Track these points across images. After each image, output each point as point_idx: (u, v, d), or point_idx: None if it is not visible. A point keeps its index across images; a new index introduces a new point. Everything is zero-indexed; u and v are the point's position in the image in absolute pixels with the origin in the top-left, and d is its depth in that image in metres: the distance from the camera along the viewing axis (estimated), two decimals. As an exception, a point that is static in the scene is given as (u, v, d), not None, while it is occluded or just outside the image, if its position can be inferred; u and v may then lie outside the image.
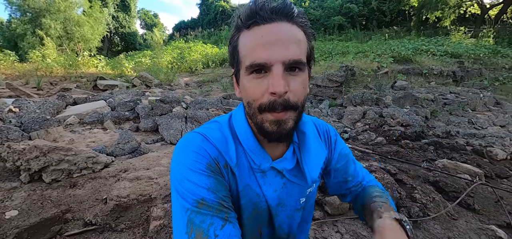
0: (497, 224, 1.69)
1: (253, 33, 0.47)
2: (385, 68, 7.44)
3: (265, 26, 0.47)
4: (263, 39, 0.46)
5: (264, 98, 0.47)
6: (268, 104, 0.47)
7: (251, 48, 0.47)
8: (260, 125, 0.50)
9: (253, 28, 0.48)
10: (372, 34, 15.15)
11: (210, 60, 11.10)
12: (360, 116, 4.27)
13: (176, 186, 0.50)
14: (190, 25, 27.82)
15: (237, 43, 0.51)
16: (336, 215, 1.67)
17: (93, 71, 8.74)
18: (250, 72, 0.48)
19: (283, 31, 0.46)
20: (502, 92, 6.41)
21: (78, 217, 1.52)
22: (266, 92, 0.47)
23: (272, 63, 0.46)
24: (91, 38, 16.22)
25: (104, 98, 5.06)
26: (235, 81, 0.57)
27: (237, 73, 0.54)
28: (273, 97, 0.46)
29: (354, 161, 0.73)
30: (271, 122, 0.48)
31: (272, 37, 0.46)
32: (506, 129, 4.14)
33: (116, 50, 25.29)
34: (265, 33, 0.46)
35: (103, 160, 2.20)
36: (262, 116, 0.49)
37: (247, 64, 0.48)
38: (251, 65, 0.47)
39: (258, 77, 0.47)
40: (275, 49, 0.46)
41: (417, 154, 2.87)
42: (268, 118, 0.48)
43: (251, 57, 0.47)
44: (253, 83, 0.48)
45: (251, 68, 0.47)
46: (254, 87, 0.48)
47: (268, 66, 0.46)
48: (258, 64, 0.46)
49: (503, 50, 9.24)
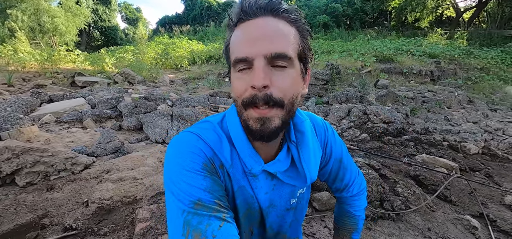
0: (471, 214, 1.80)
1: (239, 29, 0.48)
2: (368, 67, 7.68)
3: (250, 22, 0.47)
4: (246, 35, 0.46)
5: (247, 93, 0.47)
6: (250, 98, 0.46)
7: (236, 44, 0.48)
8: (246, 122, 0.49)
9: (239, 25, 0.48)
10: (356, 33, 15.57)
11: (196, 57, 10.89)
12: (345, 113, 4.39)
13: (171, 187, 0.48)
14: (175, 21, 27.09)
15: (229, 42, 0.51)
16: (323, 211, 1.70)
17: (71, 67, 8.27)
18: (236, 68, 0.48)
19: (267, 25, 0.46)
20: (474, 91, 6.85)
21: (56, 222, 1.44)
22: (248, 87, 0.46)
23: (253, 57, 0.45)
24: (67, 31, 15.24)
25: (83, 95, 4.81)
26: (229, 79, 0.57)
27: (229, 71, 0.54)
28: (253, 91, 0.45)
29: (345, 166, 0.73)
30: (254, 119, 0.47)
31: (255, 32, 0.46)
32: (478, 125, 4.43)
33: (95, 45, 24.05)
34: (249, 28, 0.46)
35: (83, 161, 2.09)
36: (247, 113, 0.48)
37: (232, 60, 0.48)
38: (235, 61, 0.47)
39: (243, 72, 0.47)
40: (256, 43, 0.45)
41: (399, 149, 2.99)
42: (252, 115, 0.47)
43: (235, 53, 0.47)
44: (238, 78, 0.48)
45: (235, 64, 0.47)
46: (239, 82, 0.48)
47: (250, 61, 0.45)
48: (240, 58, 0.46)
49: (475, 51, 9.86)
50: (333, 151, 0.70)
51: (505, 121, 4.54)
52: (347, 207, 0.79)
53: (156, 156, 2.43)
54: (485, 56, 9.42)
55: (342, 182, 0.74)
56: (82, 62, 8.92)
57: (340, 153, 0.71)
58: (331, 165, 0.71)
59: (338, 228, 0.82)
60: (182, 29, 19.72)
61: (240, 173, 0.56)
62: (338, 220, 0.83)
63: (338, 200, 0.82)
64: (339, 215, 0.82)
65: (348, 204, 0.78)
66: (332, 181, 0.75)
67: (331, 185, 0.77)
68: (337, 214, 0.83)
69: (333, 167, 0.72)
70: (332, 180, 0.75)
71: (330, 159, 0.70)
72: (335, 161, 0.71)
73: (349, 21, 19.11)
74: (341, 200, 0.80)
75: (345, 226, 0.80)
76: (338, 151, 0.71)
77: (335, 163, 0.71)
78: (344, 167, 0.72)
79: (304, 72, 0.53)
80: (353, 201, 0.78)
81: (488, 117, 4.94)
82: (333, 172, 0.72)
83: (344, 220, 0.80)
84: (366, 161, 2.37)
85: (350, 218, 0.79)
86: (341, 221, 0.81)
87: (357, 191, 0.77)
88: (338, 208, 0.83)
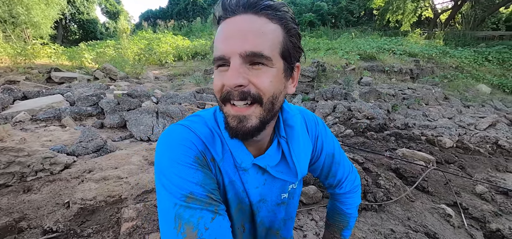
0: (446, 203, 1.92)
1: (221, 27, 0.47)
2: (353, 65, 7.90)
3: (230, 20, 0.46)
4: (224, 33, 0.46)
5: (223, 90, 0.48)
6: (225, 94, 0.47)
7: (215, 42, 0.48)
8: (225, 119, 0.50)
9: (221, 22, 0.48)
10: (341, 32, 15.92)
11: (182, 52, 10.64)
12: (330, 110, 4.49)
13: (162, 180, 0.48)
14: (159, 15, 26.28)
15: (214, 40, 0.51)
16: (310, 204, 1.74)
17: (46, 62, 7.79)
18: (215, 66, 0.49)
19: (244, 22, 0.45)
20: (450, 89, 7.26)
21: (35, 225, 1.37)
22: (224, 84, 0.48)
23: (229, 55, 0.45)
24: (42, 23, 14.24)
25: (61, 92, 4.56)
26: None
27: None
28: (226, 88, 0.47)
29: (337, 162, 0.72)
30: (232, 117, 0.48)
31: (231, 30, 0.45)
32: (453, 120, 4.71)
33: (73, 39, 22.76)
34: (227, 26, 0.46)
35: (63, 161, 2.00)
36: (226, 109, 0.49)
37: (213, 58, 0.49)
38: (214, 58, 0.48)
39: (221, 70, 0.48)
40: (232, 41, 0.45)
41: (381, 144, 3.12)
42: (230, 112, 0.48)
43: (215, 51, 0.48)
44: (217, 75, 0.49)
45: (214, 61, 0.48)
46: (217, 79, 0.49)
47: (227, 59, 0.45)
48: (218, 57, 0.46)
49: (451, 51, 10.42)
50: (324, 146, 0.69)
51: (476, 117, 4.86)
52: (339, 205, 0.78)
53: (142, 154, 2.37)
54: (459, 55, 9.99)
55: (334, 178, 0.74)
56: (59, 57, 8.44)
57: (332, 148, 0.71)
58: (323, 160, 0.70)
59: (329, 225, 0.82)
60: (166, 24, 19.16)
61: (231, 168, 0.56)
62: (329, 216, 0.82)
63: (331, 196, 0.82)
64: (331, 211, 0.82)
65: (341, 202, 0.78)
66: (325, 176, 0.74)
67: (324, 180, 0.76)
68: (329, 210, 0.83)
69: (325, 162, 0.71)
70: (325, 176, 0.74)
71: (321, 154, 0.69)
72: (327, 156, 0.70)
73: (334, 19, 19.48)
74: (334, 197, 0.79)
75: (336, 223, 0.80)
76: (329, 146, 0.70)
77: (327, 158, 0.70)
78: (337, 163, 0.72)
79: (289, 70, 0.51)
80: (345, 198, 0.77)
81: (461, 113, 5.26)
82: (325, 167, 0.72)
83: (335, 218, 0.80)
84: (350, 156, 2.45)
85: (341, 215, 0.79)
86: (332, 218, 0.81)
87: (350, 188, 0.76)
88: (330, 204, 0.83)
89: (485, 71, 8.92)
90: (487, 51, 10.49)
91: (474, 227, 1.70)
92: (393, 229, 1.55)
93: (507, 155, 3.11)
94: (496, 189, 2.18)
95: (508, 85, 7.56)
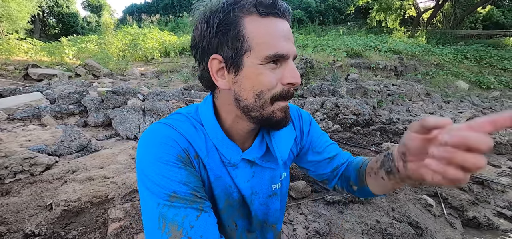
0: (427, 194, 2.02)
1: (272, 23, 0.47)
2: (340, 61, 8.05)
3: (281, 20, 0.49)
4: (284, 32, 0.48)
5: (278, 87, 0.49)
6: (282, 93, 0.49)
7: (273, 38, 0.47)
8: (269, 115, 0.51)
9: (269, 17, 0.47)
10: (329, 29, 16.14)
11: (169, 48, 10.39)
12: (319, 106, 4.57)
13: (144, 181, 0.47)
14: (144, 9, 25.49)
15: (242, 27, 0.46)
16: (300, 199, 1.78)
17: (23, 58, 7.37)
18: (268, 62, 0.47)
19: (288, 27, 0.51)
20: (431, 85, 7.57)
21: (15, 229, 1.31)
22: (278, 82, 0.49)
23: (290, 55, 0.49)
24: (19, 17, 13.39)
25: (40, 89, 4.34)
26: (225, 68, 0.49)
27: (235, 59, 0.48)
28: (287, 87, 0.49)
29: (334, 143, 0.72)
30: (281, 110, 0.51)
31: (287, 32, 0.49)
32: (434, 115, 4.92)
33: (51, 34, 21.62)
34: (283, 26, 0.49)
35: (44, 161, 1.92)
36: (273, 107, 0.50)
37: (269, 53, 0.46)
38: (274, 55, 0.47)
39: (274, 67, 0.48)
40: (290, 43, 0.49)
41: (367, 139, 3.22)
42: (280, 106, 0.51)
43: (274, 47, 0.47)
44: (268, 72, 0.48)
45: (272, 58, 0.47)
46: (270, 77, 0.48)
47: (286, 58, 0.49)
48: (281, 54, 0.47)
49: (433, 49, 10.84)
50: (313, 128, 0.70)
51: (455, 112, 5.10)
52: (358, 158, 0.66)
53: (128, 153, 2.31)
54: (440, 53, 10.41)
55: (338, 155, 0.68)
56: (37, 53, 8.00)
57: (317, 132, 0.70)
58: (316, 141, 0.69)
59: (377, 160, 0.56)
60: (151, 18, 18.62)
61: (217, 164, 0.56)
62: (362, 165, 0.61)
63: (343, 174, 0.68)
64: (359, 162, 0.63)
65: (357, 158, 0.67)
66: (329, 160, 0.68)
67: (331, 167, 0.68)
68: (355, 167, 0.63)
69: (321, 143, 0.69)
70: (329, 159, 0.68)
71: (313, 136, 0.69)
72: (319, 137, 0.70)
73: (322, 16, 19.72)
74: (347, 167, 0.67)
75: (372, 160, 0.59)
76: (315, 130, 0.70)
77: (320, 139, 0.70)
78: (334, 144, 0.71)
79: None
80: (353, 159, 0.68)
81: (442, 108, 5.51)
82: (323, 149, 0.68)
83: (369, 159, 0.61)
84: (338, 151, 2.51)
85: (365, 159, 0.63)
86: (365, 161, 0.62)
87: (348, 156, 0.70)
88: (352, 168, 0.65)
89: (464, 68, 9.36)
90: (465, 49, 11.02)
91: (453, 215, 1.80)
92: (379, 220, 1.61)
93: (483, 148, 3.30)
94: (473, 179, 2.31)
95: (485, 81, 7.98)
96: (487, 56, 10.25)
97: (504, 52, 10.52)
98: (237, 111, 0.53)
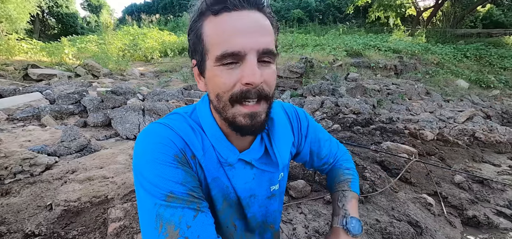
0: (427, 193, 2.02)
1: (223, 20, 0.44)
2: (340, 61, 8.04)
3: (236, 13, 0.44)
4: (236, 27, 0.43)
5: (236, 88, 0.45)
6: (240, 94, 0.45)
7: (221, 36, 0.44)
8: (232, 120, 0.48)
9: (222, 14, 0.44)
10: (329, 28, 16.12)
11: (168, 48, 10.38)
12: (318, 105, 4.57)
13: (141, 181, 0.46)
14: (143, 9, 25.45)
15: (202, 31, 0.46)
16: (299, 198, 1.78)
17: (23, 58, 7.37)
18: (221, 61, 0.44)
19: (255, 19, 0.45)
20: (431, 84, 7.57)
21: (15, 229, 1.31)
22: (237, 82, 0.44)
23: (246, 51, 0.43)
24: (18, 18, 13.37)
25: (39, 89, 4.34)
26: (198, 72, 0.52)
27: (202, 63, 0.49)
28: (246, 87, 0.45)
29: (327, 140, 0.74)
30: (244, 116, 0.47)
31: (245, 25, 0.43)
32: (434, 114, 4.92)
33: (51, 34, 21.58)
34: (237, 20, 0.43)
35: (44, 161, 1.92)
36: (233, 110, 0.47)
37: (217, 53, 0.44)
38: (223, 55, 0.43)
39: (229, 67, 0.44)
40: (248, 37, 0.43)
41: (367, 138, 3.21)
42: (241, 112, 0.46)
43: (222, 46, 0.43)
44: (223, 73, 0.45)
45: (222, 58, 0.44)
46: (225, 78, 0.45)
47: (242, 55, 0.44)
48: (231, 52, 0.43)
49: (433, 48, 10.84)
50: (309, 133, 0.70)
51: (455, 111, 5.10)
52: (338, 165, 0.76)
53: (128, 153, 2.32)
54: (440, 52, 10.41)
55: (328, 156, 0.74)
56: (37, 53, 7.99)
57: (315, 132, 0.72)
58: (309, 146, 0.71)
59: (335, 186, 0.72)
60: (151, 18, 18.59)
61: (214, 164, 0.55)
62: (332, 182, 0.74)
63: (328, 172, 0.78)
64: (332, 179, 0.75)
65: (340, 164, 0.76)
66: (319, 160, 0.74)
67: (320, 165, 0.75)
68: (330, 180, 0.75)
69: (312, 148, 0.72)
70: (319, 160, 0.74)
71: (305, 142, 0.70)
72: (312, 142, 0.71)
73: (322, 16, 19.70)
74: (334, 167, 0.77)
75: (341, 178, 0.72)
76: (312, 131, 0.71)
77: (313, 144, 0.72)
78: (324, 145, 0.73)
79: None
80: (342, 162, 0.76)
81: (442, 107, 5.51)
82: (314, 152, 0.72)
83: (338, 175, 0.73)
84: (338, 150, 2.51)
85: (344, 170, 0.74)
86: (336, 179, 0.73)
87: (341, 155, 0.77)
88: (329, 177, 0.77)
89: (464, 67, 9.36)
90: (465, 48, 11.01)
91: (453, 214, 1.80)
92: (378, 219, 1.61)
93: (483, 146, 3.30)
94: (473, 178, 2.31)
95: (484, 80, 7.98)
96: (487, 55, 10.25)
97: (504, 51, 10.51)
98: None
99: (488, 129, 3.72)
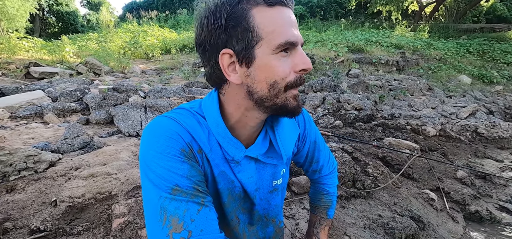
0: (429, 188, 2.02)
1: (279, 11, 0.47)
2: (341, 57, 8.00)
3: (287, 9, 0.49)
4: (291, 20, 0.48)
5: (291, 76, 0.49)
6: (296, 81, 0.50)
7: (282, 26, 0.47)
8: (283, 104, 0.50)
9: (276, 7, 0.47)
10: (330, 24, 16.01)
11: (169, 45, 10.36)
12: (320, 101, 4.56)
13: (147, 173, 0.47)
14: (143, 6, 25.34)
15: (252, 18, 0.46)
16: (302, 194, 1.78)
17: (24, 56, 7.38)
18: (280, 50, 0.47)
19: (295, 17, 0.51)
20: (433, 79, 7.52)
21: (21, 225, 1.32)
22: (291, 70, 0.49)
23: (299, 42, 0.49)
24: (17, 15, 13.35)
25: (41, 87, 4.35)
26: (232, 62, 0.49)
27: (247, 51, 0.47)
28: (298, 73, 0.49)
29: (319, 148, 0.77)
30: (294, 97, 0.51)
31: (294, 20, 0.49)
32: (436, 110, 4.90)
33: (51, 32, 21.56)
34: (290, 15, 0.49)
35: (48, 158, 1.93)
36: (286, 94, 0.50)
37: (281, 41, 0.46)
38: (286, 43, 0.46)
39: (285, 55, 0.48)
40: (297, 30, 0.49)
41: (369, 134, 3.21)
42: (293, 94, 0.51)
43: (284, 35, 0.46)
44: (281, 61, 0.48)
45: (283, 46, 0.47)
46: (284, 65, 0.48)
47: (295, 46, 0.48)
48: (291, 42, 0.47)
49: (435, 43, 10.73)
50: (308, 134, 0.73)
51: (458, 106, 5.07)
52: (322, 186, 0.83)
53: (131, 150, 2.33)
54: (443, 47, 10.31)
55: (318, 163, 0.78)
56: (38, 51, 8.01)
57: (315, 136, 0.75)
58: (307, 148, 0.74)
59: (315, 207, 0.86)
60: (151, 15, 18.52)
61: (220, 159, 0.56)
62: (314, 199, 0.86)
63: (313, 181, 0.87)
64: (314, 195, 0.86)
65: (323, 183, 0.83)
66: (309, 163, 0.78)
67: (308, 168, 0.80)
68: (313, 195, 0.87)
69: (309, 150, 0.75)
70: (309, 163, 0.78)
71: (305, 143, 0.73)
72: (311, 144, 0.75)
73: (323, 11, 19.55)
74: (317, 181, 0.84)
75: (321, 203, 0.84)
76: (312, 134, 0.74)
77: (311, 146, 0.75)
78: (319, 149, 0.77)
79: None
80: (327, 179, 0.82)
81: (444, 103, 5.48)
82: (309, 154, 0.76)
83: (320, 199, 0.84)
84: (340, 146, 2.51)
85: (325, 195, 0.83)
86: (317, 200, 0.85)
87: (330, 170, 0.82)
88: (313, 189, 0.87)
89: (467, 63, 9.28)
90: (468, 43, 10.90)
91: (455, 209, 1.80)
92: (381, 214, 1.62)
93: (485, 142, 3.29)
94: (475, 174, 2.31)
95: (487, 76, 7.91)
96: (490, 50, 10.15)
97: (508, 46, 10.39)
98: (248, 103, 0.52)
99: (490, 124, 3.70)
